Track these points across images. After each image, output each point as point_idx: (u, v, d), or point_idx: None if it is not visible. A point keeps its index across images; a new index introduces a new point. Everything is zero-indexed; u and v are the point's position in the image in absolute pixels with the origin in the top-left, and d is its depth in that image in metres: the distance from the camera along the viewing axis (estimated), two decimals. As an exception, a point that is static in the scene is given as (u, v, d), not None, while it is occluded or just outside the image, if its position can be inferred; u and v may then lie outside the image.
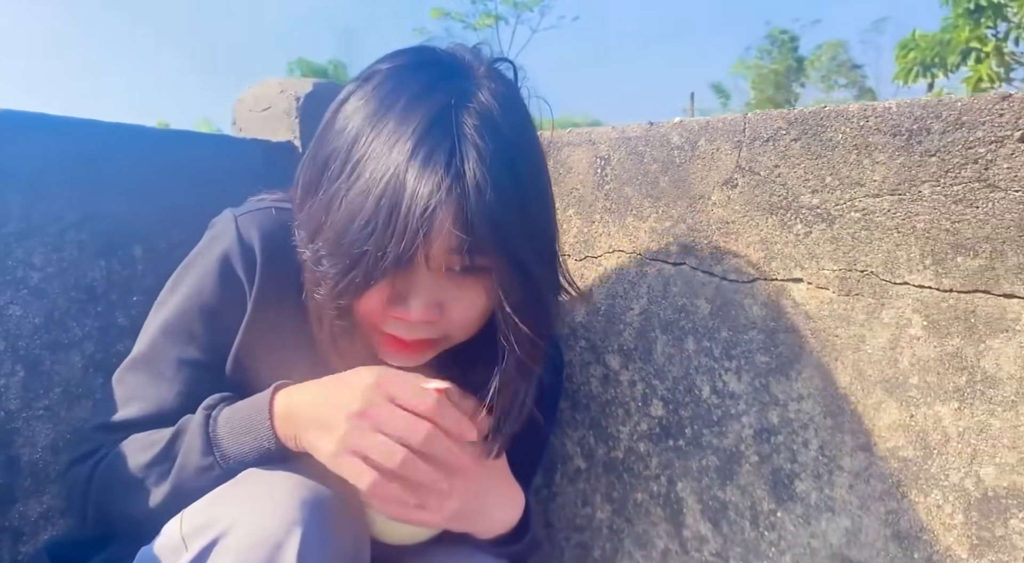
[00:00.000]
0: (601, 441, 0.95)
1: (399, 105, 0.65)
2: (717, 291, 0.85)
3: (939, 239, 0.70)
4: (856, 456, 0.75)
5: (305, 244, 0.68)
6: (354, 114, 0.67)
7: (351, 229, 0.63)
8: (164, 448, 0.70)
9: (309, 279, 0.70)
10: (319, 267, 0.66)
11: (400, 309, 0.67)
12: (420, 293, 0.66)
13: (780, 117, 0.80)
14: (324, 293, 0.66)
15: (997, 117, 0.67)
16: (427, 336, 0.70)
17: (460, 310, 0.69)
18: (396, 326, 0.69)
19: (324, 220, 0.66)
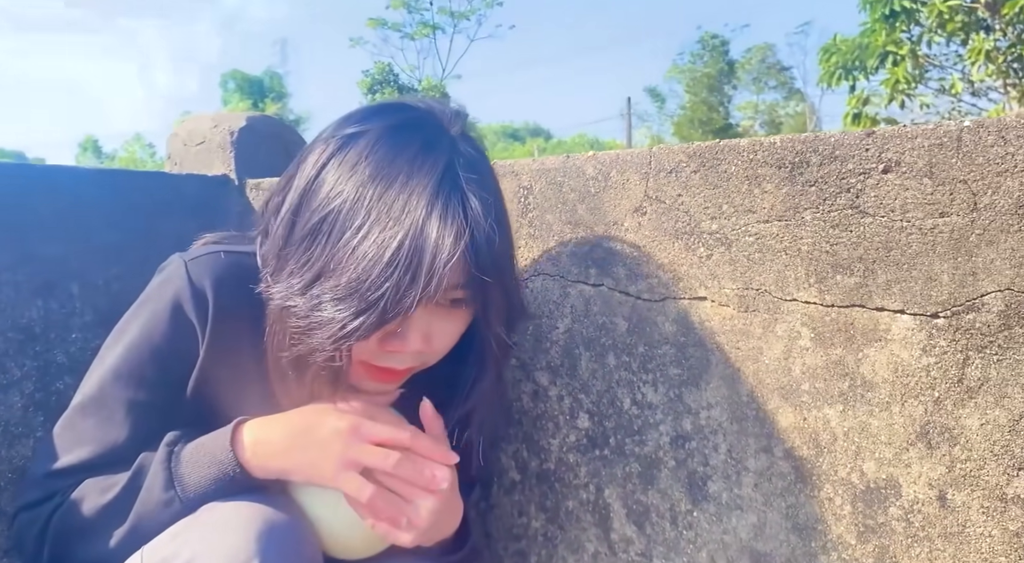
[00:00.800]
0: (534, 454, 1.01)
1: (402, 164, 0.72)
2: (633, 310, 0.92)
3: (821, 260, 0.78)
4: (759, 457, 0.83)
5: (293, 294, 0.72)
6: (350, 174, 0.72)
7: (371, 275, 0.68)
8: (125, 487, 0.73)
9: (294, 326, 0.72)
10: (317, 313, 0.70)
11: (396, 343, 0.74)
12: (416, 327, 0.74)
13: (681, 151, 0.88)
14: (324, 336, 0.70)
15: (863, 151, 0.75)
16: (414, 364, 0.77)
17: (443, 338, 0.77)
18: (390, 359, 0.75)
19: (328, 269, 0.70)
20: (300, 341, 0.72)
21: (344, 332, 0.69)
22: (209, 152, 1.25)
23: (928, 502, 0.73)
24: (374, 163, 0.72)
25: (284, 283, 0.73)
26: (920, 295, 0.73)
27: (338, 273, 0.70)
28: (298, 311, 0.72)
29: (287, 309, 0.73)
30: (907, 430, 0.74)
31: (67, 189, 1.07)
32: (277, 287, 0.74)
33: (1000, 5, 7.47)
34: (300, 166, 0.77)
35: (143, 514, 0.72)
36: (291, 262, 0.73)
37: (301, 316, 0.71)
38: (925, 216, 0.72)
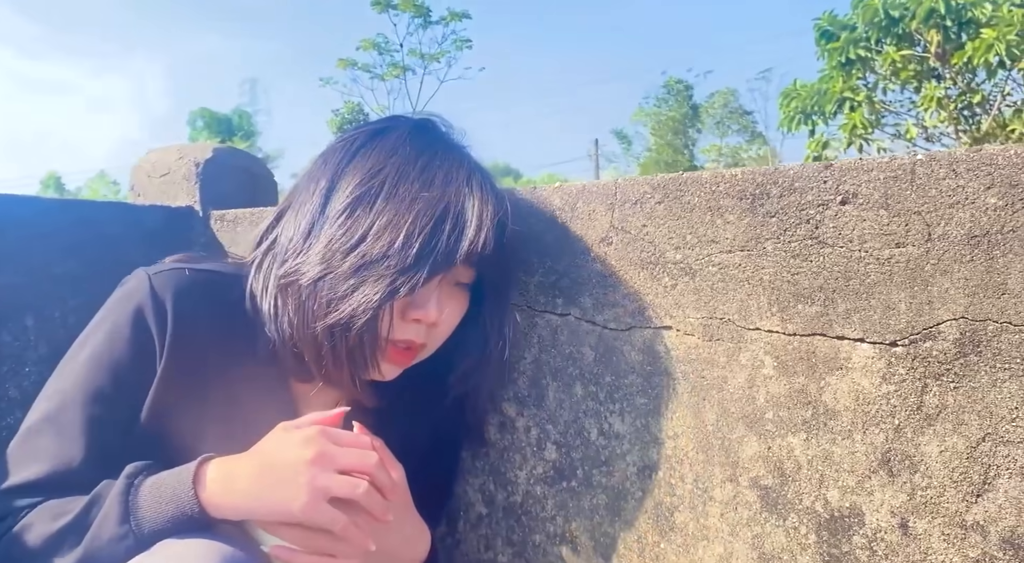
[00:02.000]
0: (500, 486, 1.00)
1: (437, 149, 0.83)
2: (600, 339, 0.92)
3: (782, 289, 0.80)
4: (725, 487, 0.83)
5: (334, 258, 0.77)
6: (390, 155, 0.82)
7: (425, 229, 0.76)
8: (78, 515, 0.71)
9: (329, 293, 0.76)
10: (365, 272, 0.75)
11: (418, 311, 0.80)
12: (435, 300, 0.81)
13: (646, 183, 0.89)
14: (371, 292, 0.75)
15: (822, 183, 0.78)
16: (425, 340, 0.83)
17: (448, 318, 0.85)
18: (409, 330, 0.81)
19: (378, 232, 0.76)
20: (338, 308, 0.75)
21: (392, 287, 0.75)
22: (173, 183, 1.24)
23: (891, 530, 0.74)
24: (411, 147, 0.82)
25: (320, 253, 0.77)
26: (879, 324, 0.74)
27: (387, 234, 0.76)
28: (340, 275, 0.76)
29: (324, 277, 0.76)
30: (869, 458, 0.75)
31: (25, 219, 1.05)
32: (311, 258, 0.78)
33: (949, 55, 7.81)
34: (324, 161, 0.84)
35: (94, 547, 0.69)
36: (327, 232, 0.78)
37: (343, 279, 0.76)
38: (882, 246, 0.74)
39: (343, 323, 0.76)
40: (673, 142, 25.12)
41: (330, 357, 0.78)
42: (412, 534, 0.82)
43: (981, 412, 0.69)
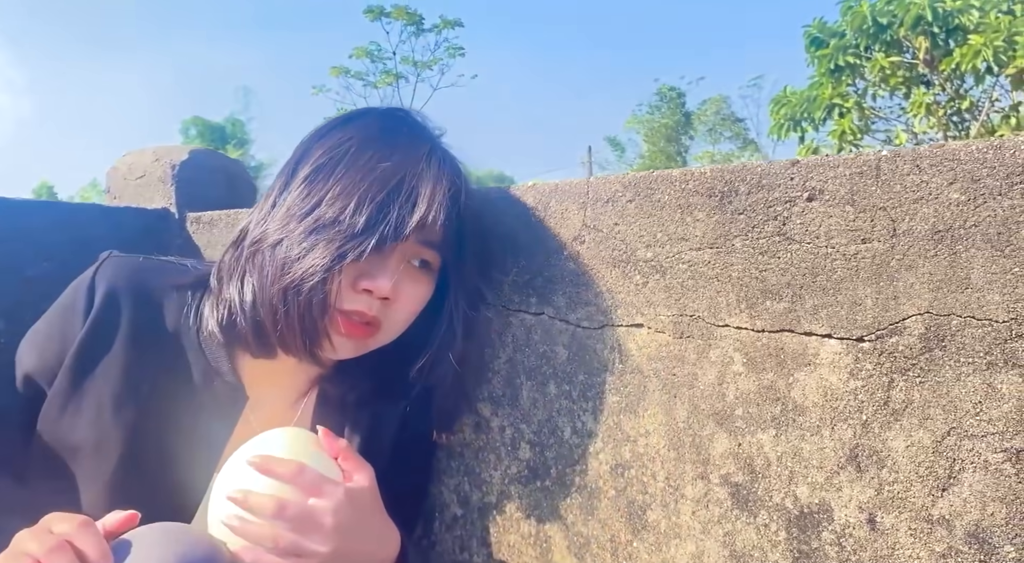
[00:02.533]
0: (475, 487, 1.00)
1: (402, 131, 0.86)
2: (573, 338, 0.92)
3: (751, 286, 0.80)
4: (696, 484, 0.83)
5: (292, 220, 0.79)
6: (356, 130, 0.84)
7: (376, 198, 0.78)
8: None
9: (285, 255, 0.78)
10: (318, 234, 0.77)
11: (370, 283, 0.80)
12: (387, 272, 0.81)
13: (617, 181, 0.89)
14: (321, 254, 0.76)
15: (789, 180, 0.78)
16: (378, 316, 0.82)
17: (405, 300, 0.84)
18: (359, 301, 0.81)
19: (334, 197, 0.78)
20: (291, 270, 0.77)
21: (340, 251, 0.76)
22: (149, 186, 1.24)
23: (859, 526, 0.74)
24: (379, 126, 0.85)
25: (281, 218, 0.80)
26: (846, 319, 0.74)
27: (340, 200, 0.78)
28: (294, 238, 0.78)
29: (282, 241, 0.78)
30: (837, 454, 0.75)
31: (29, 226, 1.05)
32: (274, 223, 0.80)
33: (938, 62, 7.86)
34: (295, 149, 0.87)
35: None
36: (289, 199, 0.81)
37: (297, 242, 0.78)
38: (848, 242, 0.74)
39: (295, 285, 0.77)
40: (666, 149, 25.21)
41: (283, 321, 0.79)
42: (380, 535, 0.81)
43: (946, 406, 0.69)
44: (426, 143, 0.85)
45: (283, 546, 0.72)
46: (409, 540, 0.88)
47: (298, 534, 0.73)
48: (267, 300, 0.79)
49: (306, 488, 0.75)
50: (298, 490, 0.74)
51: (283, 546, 0.72)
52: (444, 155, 0.86)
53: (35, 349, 0.84)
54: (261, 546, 0.73)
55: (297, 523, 0.73)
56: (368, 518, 0.79)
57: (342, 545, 0.75)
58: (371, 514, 0.80)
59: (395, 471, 0.91)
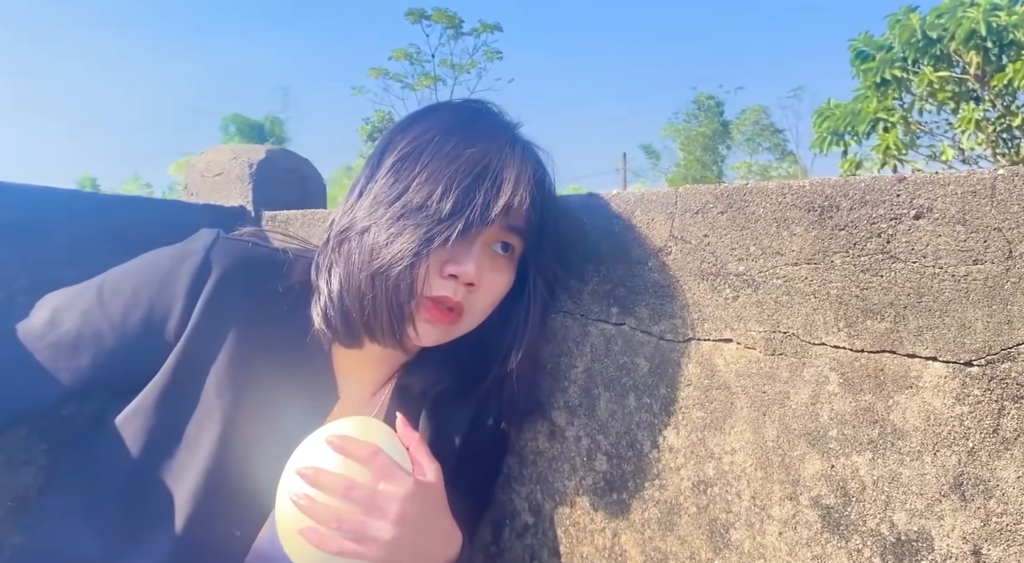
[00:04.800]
0: (548, 496, 0.99)
1: (484, 120, 0.86)
2: (655, 350, 0.91)
3: (850, 304, 0.78)
4: (784, 505, 0.81)
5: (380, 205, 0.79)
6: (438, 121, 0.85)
7: (463, 184, 0.78)
8: None
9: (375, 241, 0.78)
10: (405, 219, 0.77)
11: (457, 268, 0.80)
12: (472, 258, 0.81)
13: (708, 192, 0.88)
14: (412, 239, 0.77)
15: (895, 196, 0.76)
16: (462, 301, 0.82)
17: (488, 286, 0.84)
18: (446, 286, 0.81)
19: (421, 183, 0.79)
20: (380, 254, 0.77)
21: (428, 234, 0.77)
22: (227, 183, 1.25)
23: (962, 557, 0.71)
24: (461, 117, 0.85)
25: (369, 203, 0.81)
26: (953, 342, 0.72)
27: (427, 186, 0.78)
28: (382, 224, 0.78)
29: (369, 228, 0.79)
30: (939, 481, 0.73)
31: (83, 213, 1.06)
32: (361, 211, 0.81)
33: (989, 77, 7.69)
34: (377, 142, 0.87)
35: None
36: (376, 187, 0.81)
37: (385, 228, 0.78)
38: (958, 263, 0.72)
39: (383, 271, 0.77)
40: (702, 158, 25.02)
41: (370, 307, 0.79)
42: (444, 533, 0.81)
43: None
44: (508, 131, 0.86)
45: (348, 527, 0.73)
46: (468, 542, 0.88)
47: (365, 516, 0.73)
48: (355, 286, 0.79)
49: (378, 472, 0.75)
50: (369, 473, 0.75)
51: (348, 527, 0.73)
52: (526, 143, 0.87)
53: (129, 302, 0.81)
54: (326, 526, 0.73)
55: (364, 506, 0.73)
56: (433, 514, 0.79)
57: (405, 536, 0.75)
58: (436, 511, 0.80)
59: (463, 470, 0.91)
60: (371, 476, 0.75)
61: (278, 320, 0.84)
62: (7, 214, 0.95)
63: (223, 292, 0.81)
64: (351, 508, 0.73)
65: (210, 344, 0.81)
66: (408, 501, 0.75)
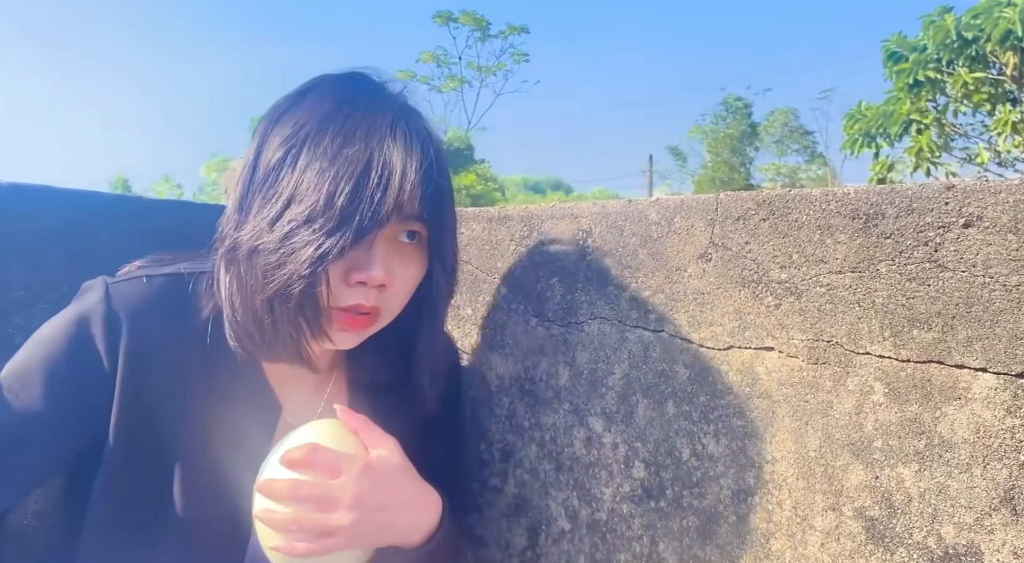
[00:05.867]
0: (585, 503, 0.99)
1: (361, 100, 0.78)
2: (695, 358, 0.90)
3: (896, 313, 0.77)
4: (827, 516, 0.80)
5: (262, 231, 0.74)
6: (311, 110, 0.77)
7: (345, 190, 0.72)
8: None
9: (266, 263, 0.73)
10: (290, 241, 0.72)
11: (361, 274, 0.77)
12: (377, 260, 0.77)
13: (750, 198, 0.87)
14: (301, 260, 0.72)
15: (943, 204, 0.75)
16: (376, 304, 0.80)
17: (401, 281, 0.81)
18: (355, 294, 0.78)
19: (299, 194, 0.73)
20: (273, 277, 0.73)
21: (320, 251, 0.71)
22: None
23: (1012, 571, 0.70)
24: (332, 101, 0.78)
25: (251, 223, 0.75)
26: (1004, 353, 0.71)
27: (309, 195, 0.72)
28: (269, 244, 0.73)
29: (257, 248, 0.74)
30: (989, 494, 0.71)
31: (129, 217, 1.08)
32: (244, 231, 0.75)
33: (1027, 78, 7.54)
34: (255, 129, 0.82)
35: None
36: (256, 202, 0.76)
37: (273, 249, 0.73)
38: (1010, 273, 0.71)
39: (281, 293, 0.73)
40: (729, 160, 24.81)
41: (271, 332, 0.76)
42: (413, 500, 0.82)
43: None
44: (389, 111, 0.78)
45: (306, 526, 0.74)
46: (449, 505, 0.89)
47: (319, 511, 0.74)
48: (252, 310, 0.76)
49: (322, 467, 0.76)
50: (316, 471, 0.76)
51: (306, 526, 0.74)
52: (409, 120, 0.79)
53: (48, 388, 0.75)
54: (288, 533, 0.74)
55: (316, 502, 0.74)
56: (393, 487, 0.80)
57: (366, 517, 0.76)
58: (397, 482, 0.80)
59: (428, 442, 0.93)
60: (319, 473, 0.76)
61: (201, 345, 0.80)
62: (55, 218, 0.97)
63: (140, 337, 0.77)
64: (304, 508, 0.74)
65: (146, 393, 0.78)
66: (360, 483, 0.76)
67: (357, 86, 0.81)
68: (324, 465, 0.76)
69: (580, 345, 1.01)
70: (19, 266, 0.92)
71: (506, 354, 1.09)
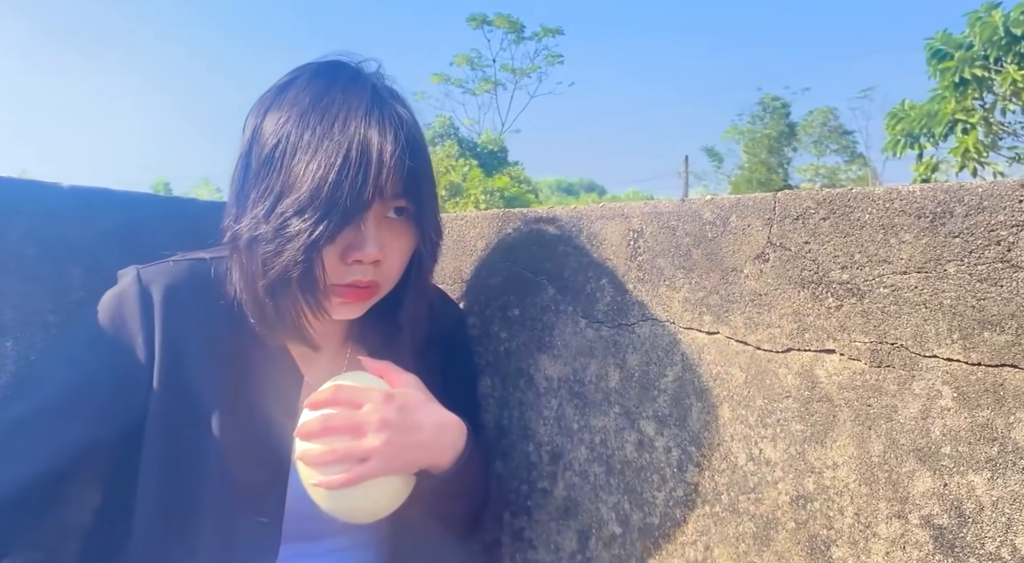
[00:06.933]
0: (636, 506, 0.97)
1: (336, 92, 0.83)
2: (752, 360, 0.88)
3: (966, 315, 0.74)
4: (892, 523, 0.78)
5: (259, 223, 0.80)
6: (291, 108, 0.83)
7: (328, 180, 0.77)
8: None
9: (264, 251, 0.79)
10: (285, 230, 0.78)
11: (356, 253, 0.82)
12: (372, 235, 0.83)
13: (809, 197, 0.85)
14: (296, 247, 0.78)
15: (1016, 203, 0.72)
16: (374, 278, 0.85)
17: (395, 254, 0.86)
18: (353, 271, 0.83)
19: (288, 188, 0.79)
20: (272, 264, 0.79)
21: (313, 237, 0.77)
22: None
23: (1092, 584, 0.67)
24: (310, 95, 0.83)
25: (249, 215, 0.81)
26: (1083, 357, 0.68)
27: (297, 187, 0.78)
28: (266, 234, 0.79)
29: (256, 238, 0.80)
30: (1067, 503, 0.69)
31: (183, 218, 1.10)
32: (243, 223, 0.82)
33: (1079, 75, 7.31)
34: (245, 123, 0.87)
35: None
36: (252, 195, 0.82)
37: (270, 239, 0.79)
38: (1089, 272, 0.68)
39: (281, 278, 0.79)
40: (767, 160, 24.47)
41: (274, 313, 0.82)
42: (438, 421, 0.87)
43: None
44: (363, 99, 0.82)
45: (341, 454, 0.80)
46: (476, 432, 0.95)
47: (351, 439, 0.80)
48: (255, 296, 0.82)
49: (347, 402, 0.82)
50: (342, 406, 0.82)
51: (341, 454, 0.80)
52: (383, 106, 0.83)
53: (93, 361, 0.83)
54: (326, 465, 0.80)
55: (346, 430, 0.81)
56: (418, 408, 0.85)
57: (396, 436, 0.81)
58: (421, 405, 0.86)
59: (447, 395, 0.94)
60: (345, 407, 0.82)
61: (226, 320, 0.87)
62: (114, 220, 0.99)
63: (173, 309, 0.84)
64: (336, 439, 0.80)
65: (181, 364, 0.84)
66: (385, 407, 0.82)
67: (333, 76, 0.86)
68: (348, 400, 0.83)
69: (631, 347, 0.99)
70: (80, 267, 0.94)
71: (554, 355, 1.08)
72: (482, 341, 1.17)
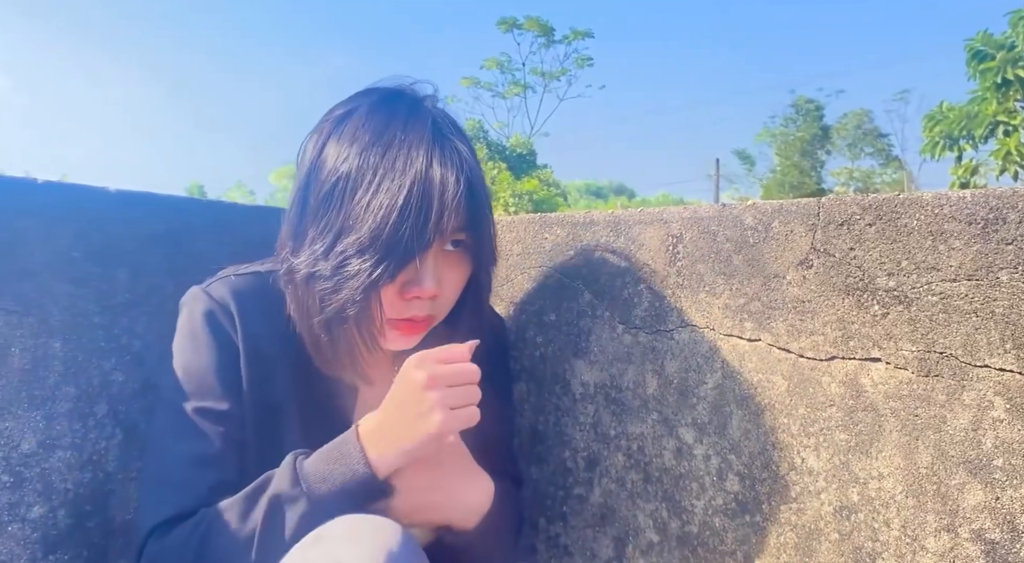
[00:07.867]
0: (674, 515, 0.96)
1: (396, 127, 0.81)
2: (794, 368, 0.87)
3: (1019, 324, 0.72)
4: (940, 537, 0.76)
5: (318, 259, 0.79)
6: (351, 143, 0.81)
7: (389, 221, 0.76)
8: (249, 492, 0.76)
9: (322, 288, 0.78)
10: (344, 269, 0.77)
11: (415, 289, 0.81)
12: (429, 271, 0.81)
13: (854, 203, 0.84)
14: (355, 287, 0.77)
15: (1073, 209, 0.70)
16: (430, 312, 0.85)
17: (450, 284, 0.85)
18: (411, 307, 0.82)
19: (348, 227, 0.78)
20: (330, 301, 0.78)
21: (372, 278, 0.76)
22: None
23: None
24: (371, 130, 0.81)
25: (307, 251, 0.80)
26: None
27: (358, 227, 0.77)
28: (324, 272, 0.78)
29: (313, 275, 0.79)
30: None
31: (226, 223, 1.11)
32: (301, 258, 0.81)
33: None
34: (301, 155, 0.86)
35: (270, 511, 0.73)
36: (310, 231, 0.81)
37: (328, 276, 0.78)
38: None
39: (338, 315, 0.79)
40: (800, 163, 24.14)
41: (329, 348, 0.82)
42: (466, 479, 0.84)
43: None
44: (426, 137, 0.80)
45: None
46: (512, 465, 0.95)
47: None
48: (310, 329, 0.82)
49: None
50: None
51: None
52: (444, 139, 0.81)
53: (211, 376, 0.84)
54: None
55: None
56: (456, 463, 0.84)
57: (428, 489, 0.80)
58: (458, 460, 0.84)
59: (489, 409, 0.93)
60: None
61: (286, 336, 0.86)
62: (157, 224, 1.00)
63: (247, 321, 0.84)
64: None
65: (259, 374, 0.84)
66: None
67: (393, 109, 0.84)
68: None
69: (669, 353, 0.98)
70: (125, 270, 0.96)
71: (591, 361, 1.07)
72: (517, 346, 1.17)
